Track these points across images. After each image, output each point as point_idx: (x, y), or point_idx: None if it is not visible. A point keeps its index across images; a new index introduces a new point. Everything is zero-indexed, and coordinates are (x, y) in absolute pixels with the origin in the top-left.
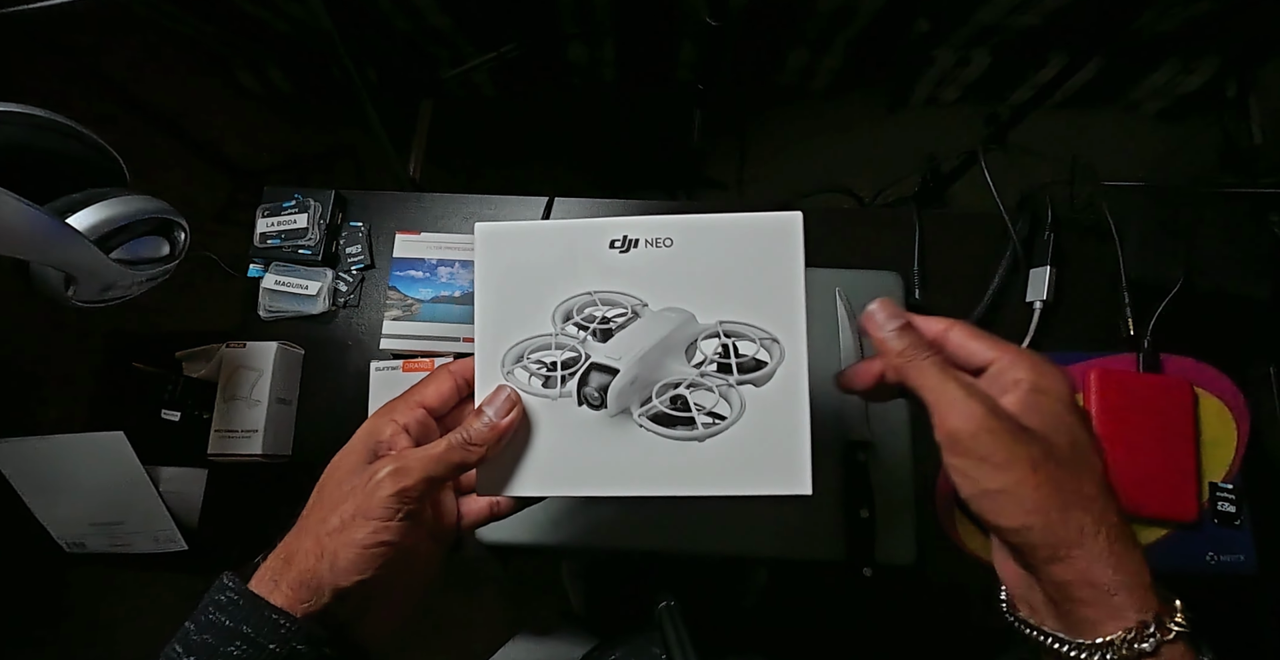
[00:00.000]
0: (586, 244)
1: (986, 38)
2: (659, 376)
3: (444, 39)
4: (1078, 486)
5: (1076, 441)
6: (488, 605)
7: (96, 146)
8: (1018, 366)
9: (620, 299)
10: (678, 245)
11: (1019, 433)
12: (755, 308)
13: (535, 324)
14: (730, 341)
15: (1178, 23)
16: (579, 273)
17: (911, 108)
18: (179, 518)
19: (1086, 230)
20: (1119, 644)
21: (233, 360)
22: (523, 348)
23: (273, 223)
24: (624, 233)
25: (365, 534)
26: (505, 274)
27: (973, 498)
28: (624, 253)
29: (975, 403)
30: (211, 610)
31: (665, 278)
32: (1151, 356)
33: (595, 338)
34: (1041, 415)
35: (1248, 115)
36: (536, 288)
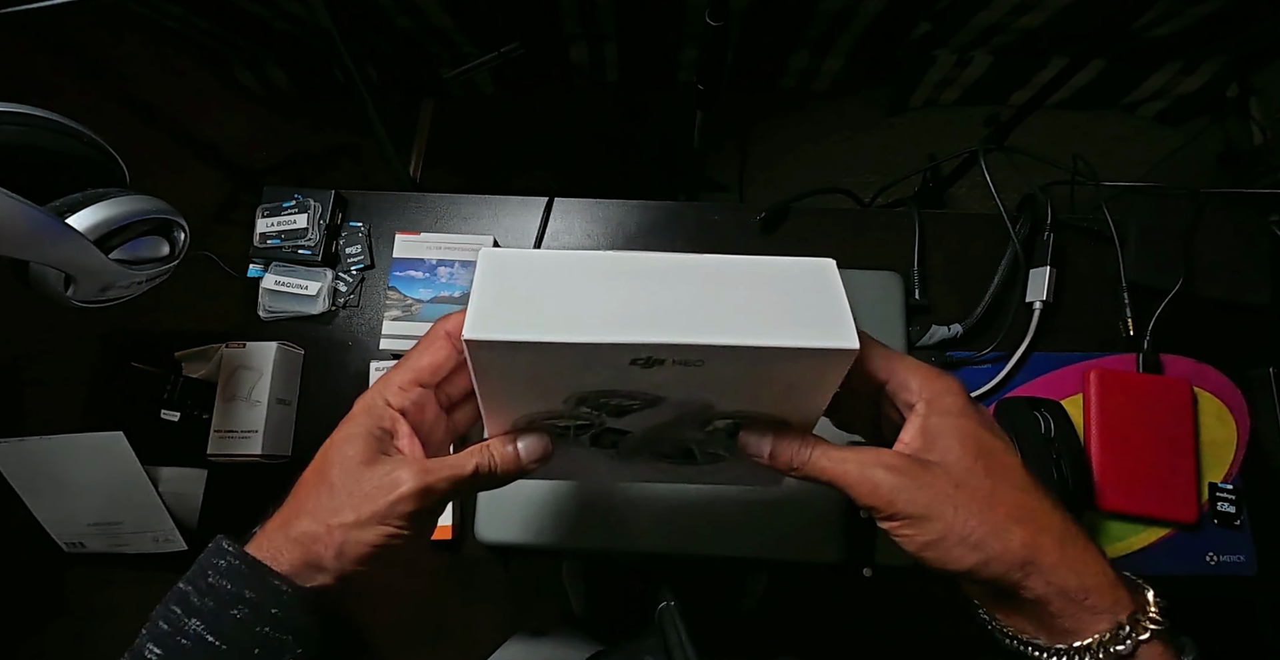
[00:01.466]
0: (604, 359)
1: (987, 39)
2: (669, 436)
3: (445, 39)
4: (1002, 501)
5: (983, 449)
6: (488, 606)
7: (96, 146)
8: (909, 388)
9: (639, 393)
10: (709, 366)
11: (924, 478)
12: (777, 408)
13: (545, 405)
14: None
15: (1178, 25)
16: (593, 377)
17: (912, 109)
18: (178, 518)
19: (1086, 231)
20: (1095, 648)
21: (232, 360)
22: (534, 417)
23: (273, 223)
24: (649, 354)
25: (378, 536)
26: (506, 377)
27: (917, 554)
28: (646, 369)
29: (873, 469)
30: (211, 574)
31: (689, 387)
32: (1151, 357)
33: (609, 414)
34: (943, 439)
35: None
36: (543, 387)
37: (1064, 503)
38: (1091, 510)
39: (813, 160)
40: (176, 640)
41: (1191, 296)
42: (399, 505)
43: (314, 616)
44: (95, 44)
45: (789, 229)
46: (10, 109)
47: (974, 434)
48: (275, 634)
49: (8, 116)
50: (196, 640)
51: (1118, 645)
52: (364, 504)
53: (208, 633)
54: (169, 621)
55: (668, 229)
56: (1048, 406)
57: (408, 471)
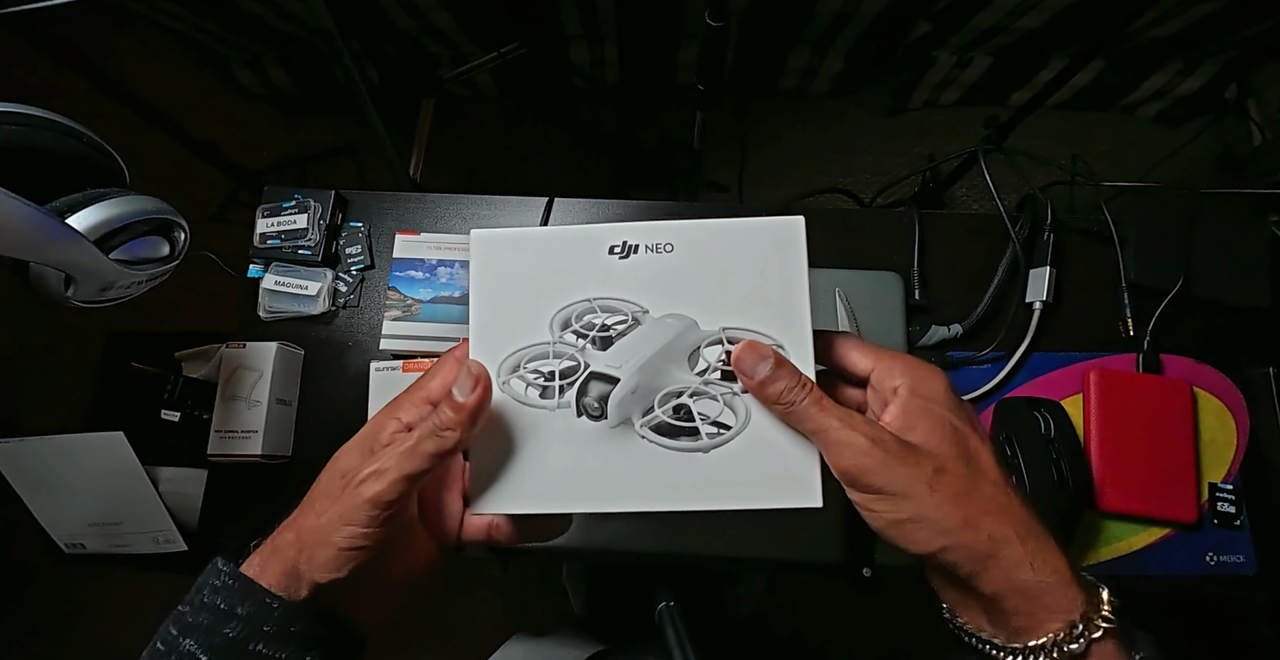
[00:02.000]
0: (585, 251)
1: (987, 40)
2: (661, 385)
3: (445, 38)
4: (977, 493)
5: (962, 442)
6: (488, 606)
7: (96, 146)
8: (893, 373)
9: (620, 306)
10: (678, 251)
11: (906, 456)
12: (759, 313)
13: (532, 332)
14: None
15: (1177, 25)
16: (577, 280)
17: (912, 109)
18: (178, 518)
19: (1086, 231)
20: (1050, 647)
21: (232, 360)
22: (519, 357)
23: (273, 223)
24: (623, 238)
25: (340, 537)
26: (500, 281)
27: (882, 530)
28: (624, 259)
29: (858, 436)
30: (206, 594)
31: (666, 284)
32: (1151, 357)
33: (594, 346)
34: (924, 422)
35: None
36: (533, 295)
37: (1064, 503)
38: (1091, 510)
39: (813, 160)
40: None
41: (1191, 296)
42: (354, 497)
43: (307, 628)
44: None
45: None
46: (10, 109)
47: (953, 423)
48: (268, 650)
49: (8, 116)
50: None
51: (1071, 644)
52: (328, 505)
53: (201, 651)
54: (165, 642)
55: None
56: (1048, 406)
57: (366, 462)
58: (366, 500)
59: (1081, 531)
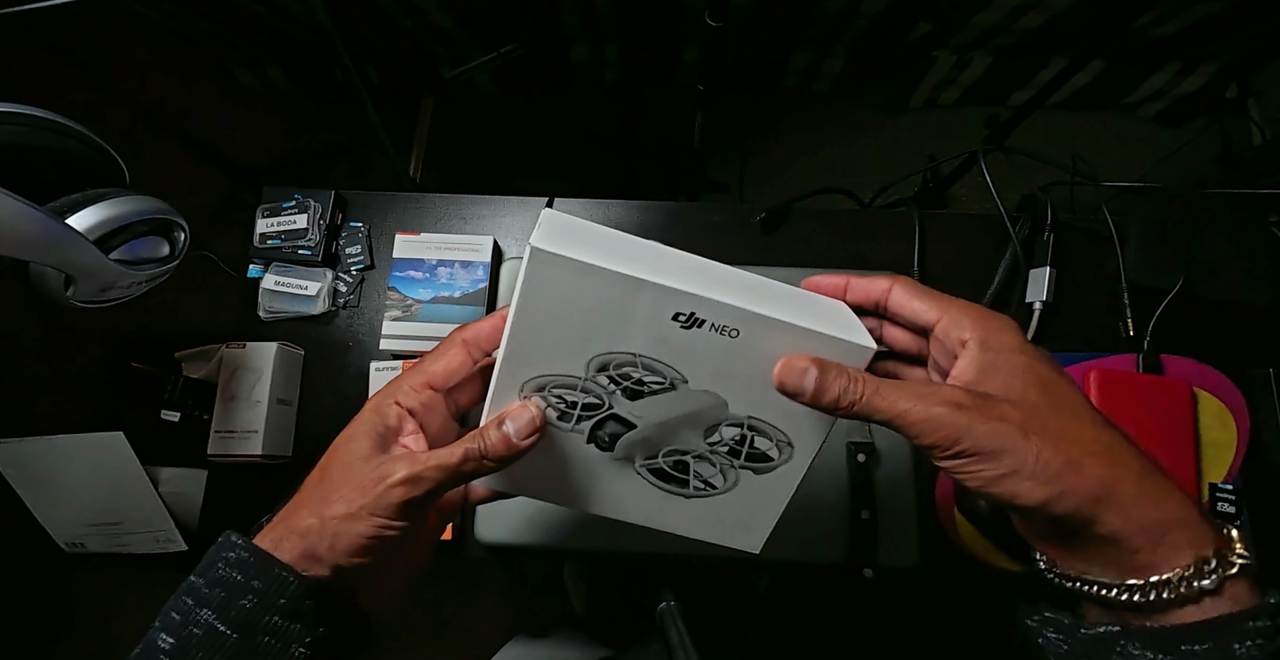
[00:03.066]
0: (649, 307)
1: (987, 40)
2: (670, 442)
3: (445, 38)
4: (1075, 434)
5: (1046, 384)
6: (488, 606)
7: (96, 146)
8: (960, 325)
9: (663, 369)
10: (742, 337)
11: (991, 409)
12: (788, 415)
13: (566, 363)
14: (750, 434)
15: (1177, 25)
16: (629, 331)
17: (912, 109)
18: (179, 518)
19: (1086, 231)
20: (1176, 582)
21: (232, 361)
22: (547, 380)
23: (272, 223)
24: (692, 309)
25: (368, 527)
26: (550, 304)
27: (983, 489)
28: (685, 329)
29: (935, 408)
30: (221, 566)
31: (716, 364)
32: (1151, 357)
33: (624, 394)
34: (1001, 373)
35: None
36: (578, 331)
37: None
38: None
39: (813, 160)
40: (189, 629)
41: (1191, 296)
42: (387, 496)
43: (320, 605)
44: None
45: (789, 229)
46: (10, 109)
47: (1034, 368)
48: (283, 622)
49: (8, 116)
50: (207, 629)
51: (1202, 580)
52: (356, 496)
53: (218, 622)
54: (180, 612)
55: (668, 229)
56: None
57: (397, 463)
58: (401, 502)
59: None
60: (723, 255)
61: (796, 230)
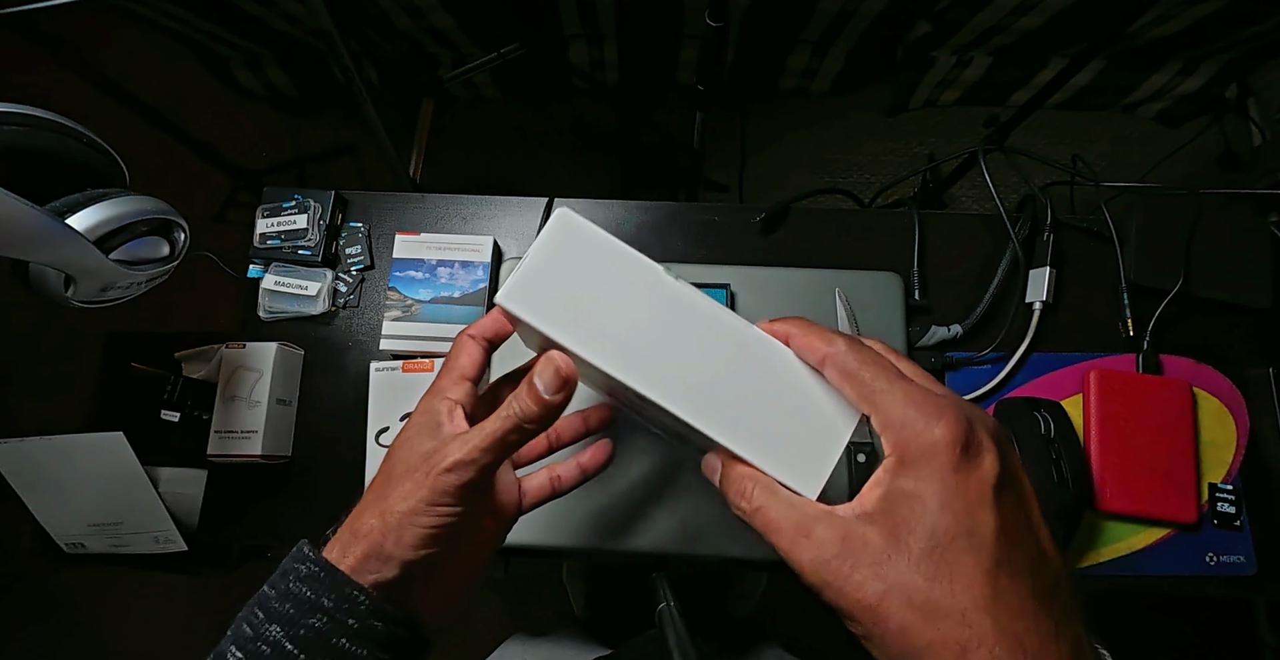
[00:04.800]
0: (605, 377)
1: (987, 40)
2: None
3: (445, 39)
4: (938, 583)
5: (952, 528)
6: (488, 606)
7: (96, 146)
8: (888, 425)
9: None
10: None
11: (852, 573)
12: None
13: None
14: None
15: (1177, 25)
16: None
17: (912, 109)
18: (178, 518)
19: (1086, 231)
20: None
21: (232, 361)
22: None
23: (272, 223)
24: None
25: (430, 517)
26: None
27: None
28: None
29: (803, 550)
30: (292, 580)
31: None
32: (1151, 357)
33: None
34: (903, 510)
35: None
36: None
37: (1064, 504)
38: (1091, 511)
39: (812, 160)
40: (257, 646)
41: (1191, 296)
42: (440, 481)
43: (388, 627)
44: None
45: (789, 229)
46: (10, 109)
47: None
48: (351, 646)
49: (8, 117)
50: (275, 647)
51: None
52: (412, 487)
53: (286, 640)
54: (251, 625)
55: (668, 229)
56: (1047, 407)
57: (449, 447)
58: (456, 486)
59: (1081, 532)
60: (723, 255)
61: (796, 230)
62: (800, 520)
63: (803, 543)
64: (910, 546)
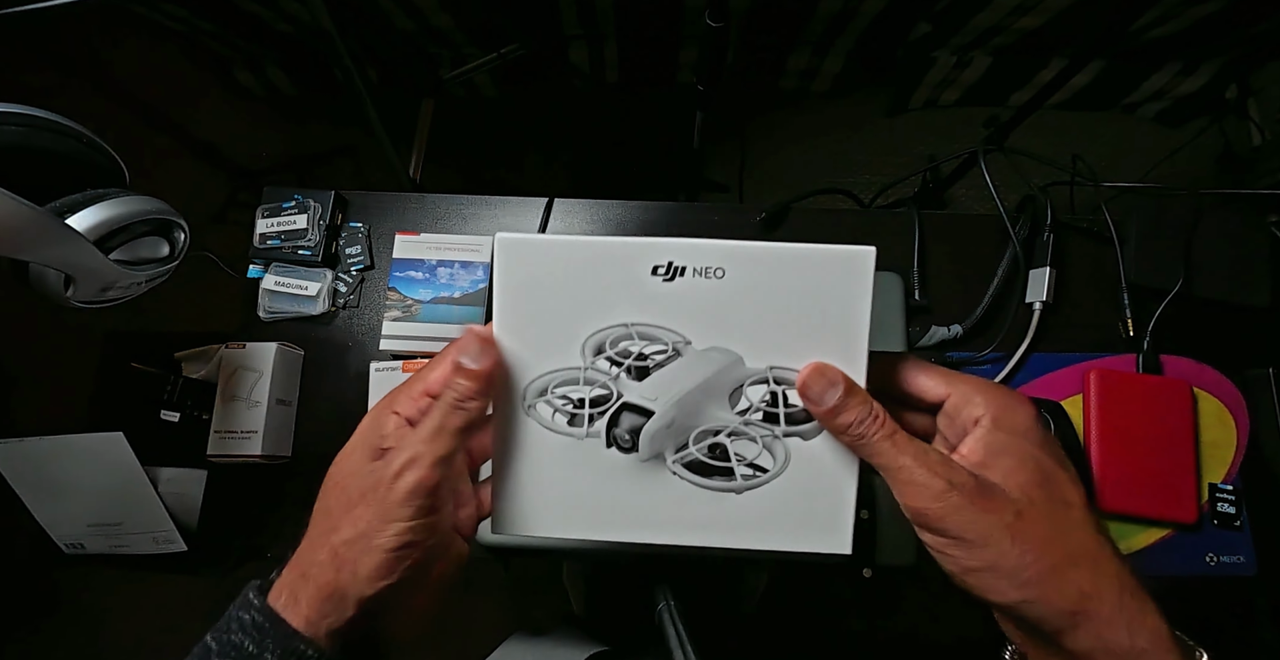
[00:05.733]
0: (625, 268)
1: (987, 40)
2: (698, 422)
3: (445, 39)
4: (1065, 541)
5: (1048, 478)
6: (488, 606)
7: (96, 146)
8: (973, 402)
9: (660, 334)
10: (730, 277)
11: (988, 500)
12: (812, 353)
13: (561, 354)
14: (781, 389)
15: (1177, 25)
16: (614, 301)
17: (912, 109)
18: (178, 519)
19: (1086, 231)
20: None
21: (232, 361)
22: (547, 381)
23: (272, 223)
24: (669, 258)
25: (388, 537)
26: (528, 295)
27: (956, 576)
28: (668, 282)
29: (933, 478)
30: (235, 629)
31: (713, 313)
32: (1151, 357)
33: (629, 375)
34: (1006, 459)
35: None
36: (564, 314)
37: None
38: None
39: (812, 161)
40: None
41: (1191, 296)
42: (393, 491)
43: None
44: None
45: (789, 229)
46: (10, 109)
47: (1039, 460)
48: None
49: (8, 117)
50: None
51: None
52: (361, 508)
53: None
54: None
55: (668, 229)
56: (1048, 407)
57: (391, 455)
58: (408, 492)
59: None
60: None
61: (796, 230)
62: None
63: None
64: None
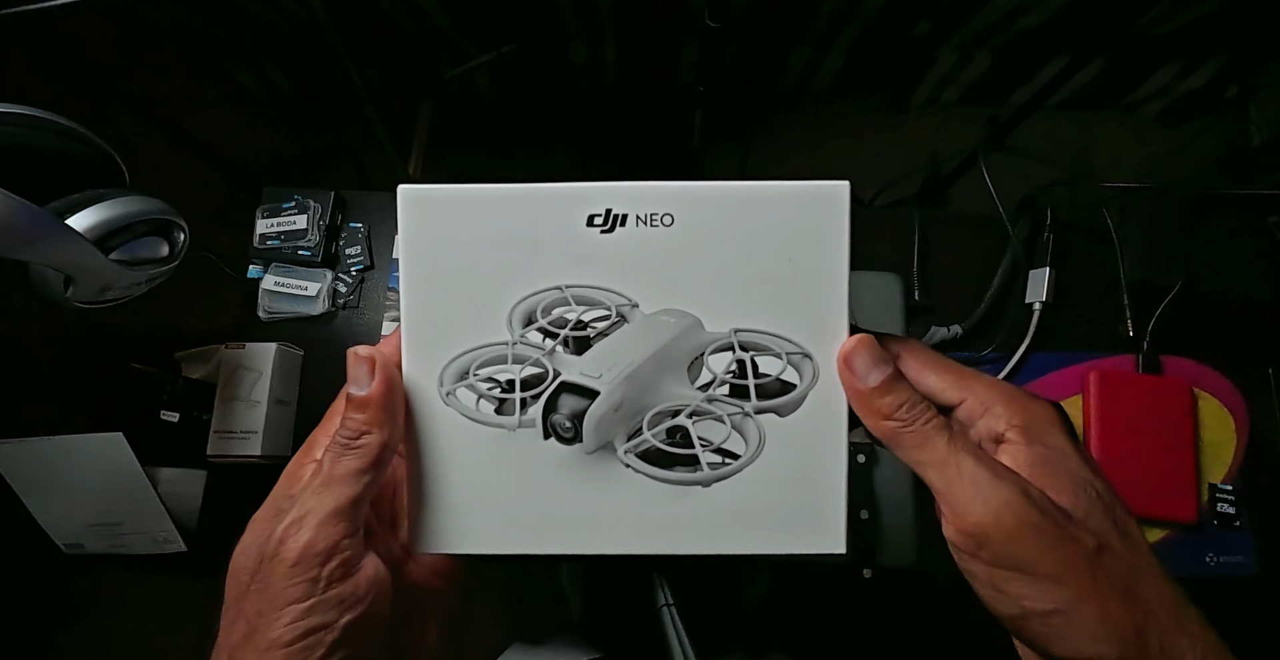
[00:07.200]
0: (555, 218)
1: (987, 39)
2: (652, 401)
3: (444, 38)
4: (1143, 586)
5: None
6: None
7: (96, 146)
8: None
9: (601, 297)
10: (680, 224)
11: (1064, 525)
12: (783, 311)
13: (484, 328)
14: (748, 356)
15: (1179, 24)
16: (545, 259)
17: (912, 109)
18: (178, 519)
19: (1086, 232)
20: None
21: (232, 361)
22: (467, 360)
23: (272, 223)
24: (606, 205)
25: (283, 628)
26: (440, 258)
27: (1015, 620)
28: (606, 233)
29: (1006, 488)
30: None
31: (663, 269)
32: (1151, 358)
33: (567, 348)
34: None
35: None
36: (485, 278)
37: None
38: None
39: (812, 160)
40: None
41: (1192, 297)
42: (276, 567)
43: None
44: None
45: None
46: (10, 109)
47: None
48: None
49: (8, 117)
50: None
51: None
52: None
53: None
54: None
55: None
56: None
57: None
58: (295, 562)
59: None
60: None
61: None
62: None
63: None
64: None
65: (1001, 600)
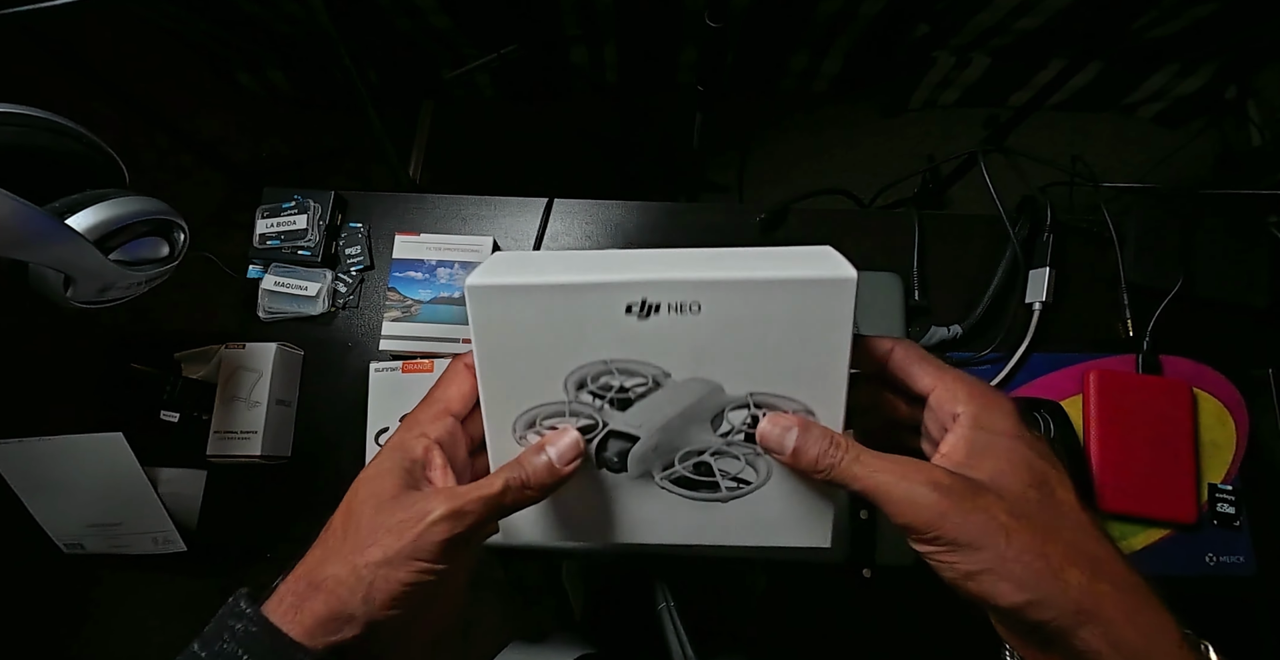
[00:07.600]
0: (599, 309)
1: (986, 40)
2: (682, 444)
3: (445, 40)
4: (1064, 539)
5: (1039, 479)
6: (487, 606)
7: (96, 146)
8: (955, 397)
9: (639, 368)
10: (707, 311)
11: (975, 498)
12: (791, 378)
13: (545, 391)
14: (761, 412)
15: (1176, 26)
16: (591, 340)
17: (911, 110)
18: (178, 519)
19: (1086, 232)
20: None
21: (232, 361)
22: (534, 414)
23: (272, 223)
24: (642, 296)
25: (409, 573)
26: (505, 336)
27: (957, 583)
28: (643, 319)
29: (916, 487)
30: (226, 638)
31: (691, 347)
32: (1150, 358)
33: (613, 407)
34: (992, 458)
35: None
36: (543, 353)
37: None
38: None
39: (812, 161)
40: None
41: (1191, 297)
42: (428, 535)
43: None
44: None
45: (789, 229)
46: (10, 109)
47: (1027, 458)
48: None
49: (8, 117)
50: None
51: None
52: (393, 539)
53: None
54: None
55: (667, 230)
56: (1047, 407)
57: (437, 499)
58: (442, 540)
59: None
60: None
61: (796, 231)
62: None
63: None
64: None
65: (944, 569)
